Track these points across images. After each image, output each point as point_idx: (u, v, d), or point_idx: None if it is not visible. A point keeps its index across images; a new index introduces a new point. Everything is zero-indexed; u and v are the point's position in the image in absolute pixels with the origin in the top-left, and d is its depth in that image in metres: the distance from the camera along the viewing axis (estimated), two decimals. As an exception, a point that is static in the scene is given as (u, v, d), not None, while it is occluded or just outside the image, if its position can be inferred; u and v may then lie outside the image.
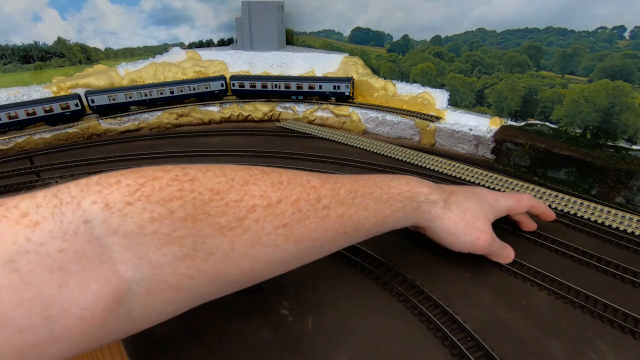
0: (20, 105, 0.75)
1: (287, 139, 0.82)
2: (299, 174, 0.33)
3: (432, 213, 0.40)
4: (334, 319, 0.37)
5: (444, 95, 0.83)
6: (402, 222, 0.39)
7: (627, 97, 0.58)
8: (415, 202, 0.39)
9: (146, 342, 0.34)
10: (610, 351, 0.34)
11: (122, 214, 0.23)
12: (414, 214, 0.39)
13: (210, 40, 1.12)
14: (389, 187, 0.38)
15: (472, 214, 0.41)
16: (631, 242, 0.48)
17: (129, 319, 0.24)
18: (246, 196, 0.28)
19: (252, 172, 0.30)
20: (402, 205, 0.38)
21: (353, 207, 0.34)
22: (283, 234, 0.29)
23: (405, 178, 0.40)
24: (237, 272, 0.28)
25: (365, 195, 0.36)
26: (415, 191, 0.39)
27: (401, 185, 0.38)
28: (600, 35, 0.60)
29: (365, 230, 0.36)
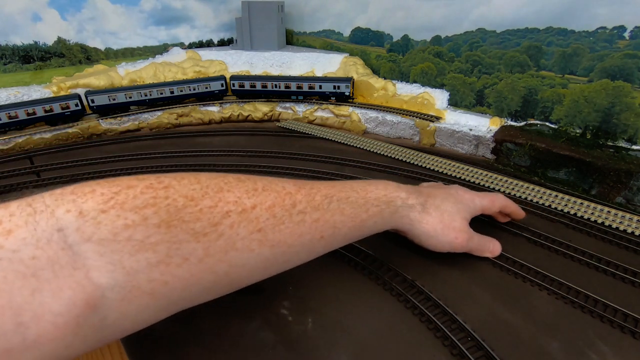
0: (20, 105, 0.75)
1: (287, 139, 0.82)
2: (275, 180, 0.34)
3: (410, 217, 0.41)
4: (334, 319, 0.37)
5: (444, 95, 0.83)
6: (380, 226, 0.40)
7: (627, 97, 0.58)
8: (393, 207, 0.40)
9: (146, 342, 0.34)
10: (610, 351, 0.34)
11: (95, 221, 0.23)
12: (392, 218, 0.40)
13: (210, 40, 1.12)
14: (365, 192, 0.38)
15: (449, 215, 0.43)
16: (631, 242, 0.48)
17: (103, 326, 0.24)
18: (220, 202, 0.28)
19: (227, 180, 0.31)
20: (379, 210, 0.39)
21: (329, 212, 0.35)
22: (258, 238, 0.30)
23: (382, 183, 0.41)
24: (212, 278, 0.28)
25: (341, 200, 0.36)
26: (393, 196, 0.40)
27: (378, 190, 0.39)
28: (600, 35, 0.60)
29: (342, 234, 0.36)
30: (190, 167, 0.67)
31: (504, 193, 0.59)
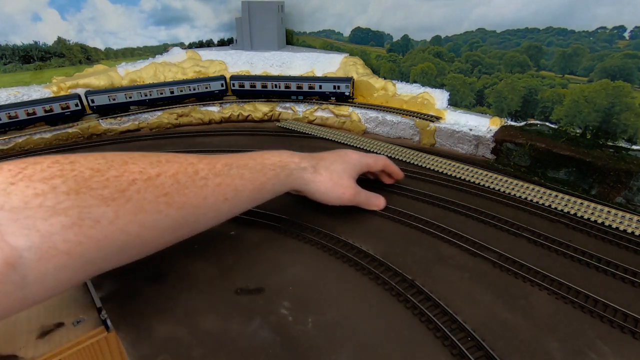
0: (20, 105, 0.74)
1: (287, 139, 0.82)
2: (177, 154, 0.39)
3: (304, 178, 0.48)
4: (334, 319, 0.37)
5: (444, 95, 0.83)
6: (279, 188, 0.46)
7: (627, 97, 0.58)
8: (288, 170, 0.46)
9: (146, 342, 0.34)
10: (610, 351, 0.34)
11: (5, 192, 0.26)
12: (288, 179, 0.47)
13: (210, 40, 1.12)
14: (262, 159, 0.44)
15: (337, 174, 0.50)
16: (631, 242, 0.48)
17: (25, 284, 0.26)
18: (126, 172, 0.32)
19: (131, 155, 0.35)
20: (276, 173, 0.45)
21: (230, 177, 0.40)
22: (165, 201, 0.34)
23: (277, 151, 0.47)
24: (124, 238, 0.31)
25: (240, 167, 0.42)
26: (287, 161, 0.46)
27: (273, 157, 0.46)
28: (600, 35, 0.60)
29: (245, 196, 0.42)
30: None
31: (503, 193, 0.59)
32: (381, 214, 0.54)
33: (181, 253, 0.46)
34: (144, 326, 0.36)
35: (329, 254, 0.46)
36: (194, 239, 0.48)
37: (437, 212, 0.55)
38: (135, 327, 0.36)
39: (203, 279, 0.42)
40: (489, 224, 0.52)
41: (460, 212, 0.54)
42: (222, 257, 0.45)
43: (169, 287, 0.41)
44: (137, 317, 0.37)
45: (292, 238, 0.49)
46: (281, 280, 0.42)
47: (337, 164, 0.51)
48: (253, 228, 0.51)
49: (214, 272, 0.43)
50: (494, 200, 0.57)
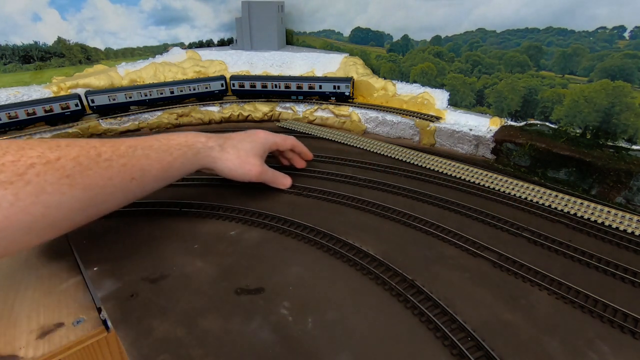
0: (20, 105, 0.74)
1: (287, 139, 0.82)
2: (78, 139, 0.40)
3: (212, 156, 0.51)
4: (334, 319, 0.37)
5: (444, 95, 0.83)
6: (188, 166, 0.49)
7: (627, 97, 0.58)
8: (195, 149, 0.49)
9: (146, 342, 0.34)
10: (610, 351, 0.34)
11: None
12: (196, 158, 0.49)
13: (210, 40, 1.12)
14: (167, 140, 0.47)
15: (245, 152, 0.53)
16: (631, 242, 0.48)
17: None
18: (23, 157, 0.34)
19: (29, 141, 0.36)
20: (183, 152, 0.47)
21: (135, 158, 0.42)
22: (67, 183, 0.35)
23: (183, 132, 0.50)
24: (29, 219, 0.33)
25: (145, 148, 0.44)
26: (193, 140, 0.49)
27: (179, 138, 0.48)
28: (600, 35, 0.60)
29: (153, 175, 0.44)
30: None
31: (503, 193, 0.59)
32: (381, 214, 0.54)
33: (181, 253, 0.46)
34: (144, 326, 0.36)
35: (329, 254, 0.46)
36: (194, 239, 0.48)
37: (437, 212, 0.55)
38: (135, 327, 0.36)
39: (203, 279, 0.42)
40: (489, 224, 0.52)
41: (460, 212, 0.54)
42: (222, 257, 0.45)
43: (169, 287, 0.41)
44: (137, 317, 0.37)
45: (292, 238, 0.49)
46: (281, 280, 0.42)
47: (245, 143, 0.54)
48: (253, 228, 0.51)
49: (214, 272, 0.43)
50: (494, 200, 0.57)
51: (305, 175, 0.64)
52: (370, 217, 0.53)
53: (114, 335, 0.38)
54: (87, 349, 0.37)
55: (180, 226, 0.51)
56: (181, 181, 0.62)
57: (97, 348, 0.38)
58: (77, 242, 0.48)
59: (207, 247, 0.47)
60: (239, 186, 0.61)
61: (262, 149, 0.56)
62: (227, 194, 0.59)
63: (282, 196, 0.59)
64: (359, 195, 0.57)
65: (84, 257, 0.45)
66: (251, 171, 0.54)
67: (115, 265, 0.44)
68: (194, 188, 0.60)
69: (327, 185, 0.60)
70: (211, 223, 0.52)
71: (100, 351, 0.38)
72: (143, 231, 0.50)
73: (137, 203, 0.55)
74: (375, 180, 0.62)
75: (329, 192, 0.58)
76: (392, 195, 0.59)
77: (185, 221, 0.52)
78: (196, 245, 0.47)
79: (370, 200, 0.56)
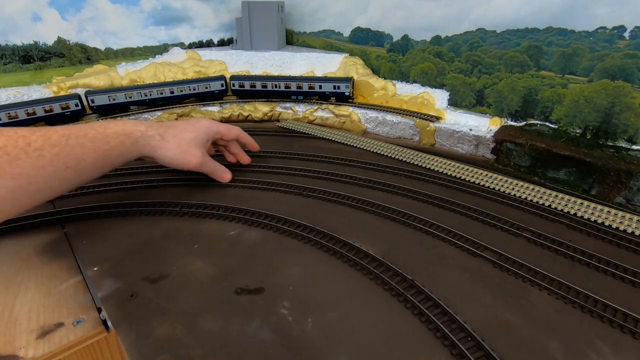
0: (20, 105, 0.74)
1: (287, 139, 0.82)
2: (6, 128, 0.40)
3: (151, 145, 0.51)
4: (334, 319, 0.37)
5: (444, 95, 0.83)
6: (127, 155, 0.49)
7: (627, 97, 0.58)
8: (133, 138, 0.49)
9: (146, 342, 0.34)
10: (610, 351, 0.34)
11: None
12: (135, 147, 0.49)
13: (210, 40, 1.12)
14: (104, 129, 0.46)
15: (186, 142, 0.54)
16: (631, 242, 0.48)
17: None
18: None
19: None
20: (120, 141, 0.47)
21: (68, 147, 0.42)
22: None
23: (121, 120, 0.50)
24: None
25: (79, 137, 0.43)
26: (131, 129, 0.49)
27: (116, 126, 0.48)
28: (600, 35, 0.60)
29: (90, 164, 0.44)
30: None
31: (503, 193, 0.59)
32: (381, 214, 0.54)
33: (181, 253, 0.46)
34: (144, 326, 0.36)
35: (329, 254, 0.46)
36: (194, 239, 0.48)
37: (437, 212, 0.55)
38: (135, 327, 0.36)
39: (203, 279, 0.42)
40: (489, 224, 0.52)
41: (460, 212, 0.54)
42: (222, 257, 0.45)
43: (169, 287, 0.41)
44: (137, 317, 0.37)
45: (292, 238, 0.49)
46: (281, 280, 0.42)
47: (186, 132, 0.55)
48: (253, 228, 0.51)
49: (214, 272, 0.43)
50: (494, 200, 0.57)
51: (305, 175, 0.64)
52: (370, 217, 0.53)
53: (114, 335, 0.38)
54: (87, 349, 0.37)
55: (180, 226, 0.51)
56: (181, 181, 0.62)
57: (97, 348, 0.38)
58: (77, 242, 0.48)
59: (207, 247, 0.47)
60: (239, 186, 0.61)
61: (204, 138, 0.57)
62: (227, 194, 0.59)
63: (282, 196, 0.59)
64: (359, 195, 0.57)
65: (84, 257, 0.45)
66: (191, 161, 0.54)
67: (115, 265, 0.44)
68: (194, 188, 0.60)
69: (327, 185, 0.60)
70: (211, 223, 0.52)
71: (100, 351, 0.38)
72: (143, 231, 0.50)
73: (138, 203, 0.55)
74: (375, 180, 0.62)
75: (328, 192, 0.58)
76: (392, 195, 0.59)
77: (185, 221, 0.52)
78: (196, 245, 0.47)
79: (370, 200, 0.56)
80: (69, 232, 0.50)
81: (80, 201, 0.56)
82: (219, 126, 0.60)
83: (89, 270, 0.43)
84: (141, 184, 0.61)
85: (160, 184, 0.61)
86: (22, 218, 0.51)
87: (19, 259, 0.45)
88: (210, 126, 0.59)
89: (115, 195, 0.58)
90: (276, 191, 0.60)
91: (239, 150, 0.66)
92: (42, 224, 0.51)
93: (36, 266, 0.44)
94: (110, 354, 0.40)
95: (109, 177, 0.63)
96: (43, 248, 0.47)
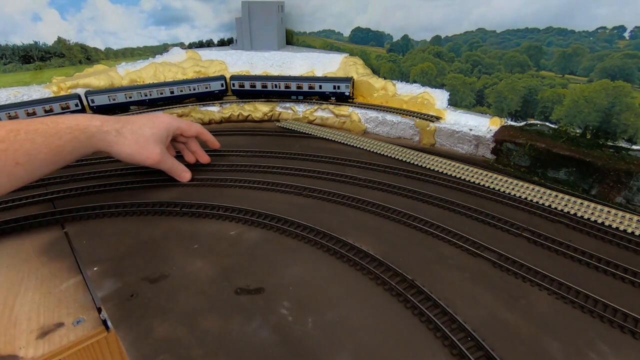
0: (20, 105, 0.74)
1: (287, 139, 0.82)
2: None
3: (107, 140, 0.50)
4: (334, 319, 0.37)
5: (444, 95, 0.83)
6: (81, 150, 0.48)
7: (627, 97, 0.58)
8: (87, 133, 0.48)
9: (146, 342, 0.34)
10: (610, 351, 0.34)
11: None
12: (90, 142, 0.49)
13: (210, 40, 1.12)
14: (55, 124, 0.46)
15: (145, 139, 0.53)
16: (631, 242, 0.48)
17: None
18: None
19: None
20: (74, 136, 0.47)
21: (17, 143, 0.42)
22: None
23: (74, 115, 0.49)
24: None
25: (29, 132, 0.43)
26: (86, 124, 0.48)
27: (69, 121, 0.47)
28: (600, 35, 0.60)
29: (41, 159, 0.44)
30: (190, 167, 0.67)
31: (503, 193, 0.59)
32: (381, 214, 0.54)
33: (181, 253, 0.46)
34: (144, 326, 0.36)
35: (329, 254, 0.46)
36: (194, 239, 0.48)
37: (437, 212, 0.55)
38: (135, 327, 0.36)
39: (203, 279, 0.42)
40: (489, 224, 0.52)
41: (460, 212, 0.54)
42: (222, 257, 0.45)
43: (169, 287, 0.41)
44: (137, 317, 0.37)
45: (292, 238, 0.49)
46: (281, 280, 0.42)
47: (145, 128, 0.54)
48: (253, 228, 0.51)
49: (214, 272, 0.43)
50: (494, 200, 0.57)
51: (306, 175, 0.64)
52: (370, 217, 0.53)
53: (114, 335, 0.38)
54: (87, 349, 0.37)
55: (180, 226, 0.51)
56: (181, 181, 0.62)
57: (97, 348, 0.38)
58: (77, 242, 0.48)
59: (207, 247, 0.47)
60: (239, 186, 0.61)
61: (164, 134, 0.56)
62: (227, 194, 0.59)
63: (282, 196, 0.59)
64: (359, 195, 0.57)
65: (84, 257, 0.45)
66: (150, 158, 0.54)
67: (115, 265, 0.44)
68: (194, 188, 0.60)
69: (327, 185, 0.60)
70: (211, 223, 0.52)
71: (100, 351, 0.38)
72: (143, 231, 0.50)
73: (137, 203, 0.55)
74: (375, 180, 0.62)
75: (329, 192, 0.58)
76: (392, 195, 0.59)
77: (185, 221, 0.52)
78: (196, 245, 0.47)
79: (370, 200, 0.56)
80: (69, 232, 0.50)
81: (80, 201, 0.56)
82: (180, 122, 0.60)
83: (89, 270, 0.43)
84: (141, 184, 0.61)
85: (160, 183, 0.61)
86: (22, 218, 0.51)
87: (19, 259, 0.45)
88: (170, 122, 0.58)
89: (115, 195, 0.58)
90: (276, 191, 0.60)
91: (199, 148, 0.65)
92: (42, 224, 0.51)
93: (36, 266, 0.44)
94: (110, 354, 0.40)
95: (109, 177, 0.63)
96: (43, 248, 0.47)
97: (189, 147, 0.65)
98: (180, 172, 0.60)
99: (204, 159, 0.66)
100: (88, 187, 0.59)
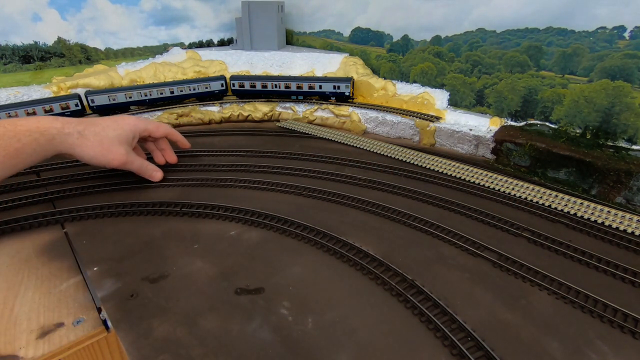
0: (20, 105, 0.74)
1: (287, 139, 0.82)
2: None
3: (69, 142, 0.50)
4: (334, 319, 0.37)
5: (444, 95, 0.83)
6: (41, 152, 0.48)
7: (627, 97, 0.58)
8: (48, 135, 0.47)
9: (146, 342, 0.34)
10: (610, 351, 0.34)
11: None
12: (51, 144, 0.48)
13: (210, 40, 1.12)
14: (14, 126, 0.45)
15: (109, 140, 0.53)
16: (631, 242, 0.48)
17: None
18: None
19: None
20: (34, 139, 0.46)
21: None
22: None
23: (34, 117, 0.48)
24: None
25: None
26: (47, 126, 0.48)
27: (29, 123, 0.46)
28: (600, 35, 0.60)
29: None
30: (189, 167, 0.67)
31: (503, 193, 0.59)
32: (381, 214, 0.54)
33: (181, 253, 0.46)
34: (144, 326, 0.36)
35: (329, 254, 0.46)
36: (194, 239, 0.48)
37: (437, 212, 0.55)
38: (135, 327, 0.36)
39: (203, 279, 0.42)
40: (489, 224, 0.52)
41: (460, 212, 0.54)
42: (222, 257, 0.45)
43: (169, 287, 0.41)
44: (137, 317, 0.37)
45: (292, 238, 0.49)
46: (281, 280, 0.42)
47: (109, 130, 0.54)
48: (253, 228, 0.51)
49: (214, 272, 0.43)
50: (494, 200, 0.57)
51: (306, 175, 0.64)
52: (370, 217, 0.53)
53: (114, 335, 0.38)
54: (87, 349, 0.37)
55: (180, 226, 0.51)
56: (181, 181, 0.62)
57: (97, 348, 0.38)
58: (77, 242, 0.48)
59: (207, 247, 0.47)
60: (239, 186, 0.61)
61: (130, 135, 0.56)
62: (227, 194, 0.59)
63: (282, 196, 0.59)
64: (359, 195, 0.57)
65: (84, 257, 0.45)
66: (114, 159, 0.54)
67: (115, 265, 0.44)
68: (194, 188, 0.60)
69: (327, 185, 0.60)
70: (211, 223, 0.52)
71: (100, 351, 0.38)
72: (143, 231, 0.50)
73: (137, 203, 0.55)
74: (376, 180, 0.62)
75: (329, 192, 0.58)
76: (392, 195, 0.59)
77: (185, 221, 0.52)
78: (196, 245, 0.47)
79: (371, 200, 0.56)
80: (69, 232, 0.50)
81: (80, 201, 0.56)
82: (147, 123, 0.59)
83: (89, 270, 0.43)
84: (141, 184, 0.61)
85: (160, 183, 0.61)
86: (22, 218, 0.51)
87: (19, 259, 0.45)
88: (135, 123, 0.58)
89: (116, 195, 0.58)
90: (276, 191, 0.60)
91: (167, 147, 0.65)
92: (42, 224, 0.51)
93: (36, 266, 0.44)
94: (110, 354, 0.39)
95: (109, 177, 0.63)
96: (43, 248, 0.47)
97: (158, 146, 0.65)
98: (151, 171, 0.59)
99: (172, 159, 0.66)
100: (88, 187, 0.59)
